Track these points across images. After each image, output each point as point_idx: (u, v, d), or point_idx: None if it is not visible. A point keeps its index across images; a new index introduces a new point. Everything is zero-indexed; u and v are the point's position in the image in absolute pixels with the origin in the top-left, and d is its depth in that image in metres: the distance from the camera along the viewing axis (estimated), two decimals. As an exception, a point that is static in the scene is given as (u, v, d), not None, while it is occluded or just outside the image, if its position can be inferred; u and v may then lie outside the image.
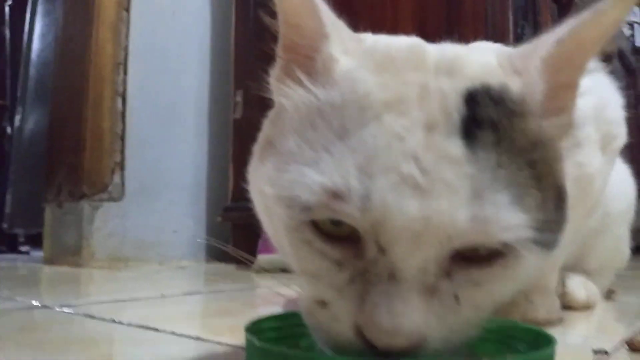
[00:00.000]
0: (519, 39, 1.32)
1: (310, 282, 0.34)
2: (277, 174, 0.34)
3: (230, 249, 1.29)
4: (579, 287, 0.76)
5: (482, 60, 0.36)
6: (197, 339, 0.57)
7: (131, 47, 1.61)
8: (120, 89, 1.59)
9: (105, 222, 1.52)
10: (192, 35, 1.80)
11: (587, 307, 0.75)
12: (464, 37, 0.45)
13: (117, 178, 1.56)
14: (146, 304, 0.84)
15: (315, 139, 0.32)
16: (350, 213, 0.30)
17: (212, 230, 1.78)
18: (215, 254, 1.77)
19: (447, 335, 0.32)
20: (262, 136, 0.40)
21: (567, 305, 0.74)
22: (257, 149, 0.40)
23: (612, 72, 0.67)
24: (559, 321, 0.65)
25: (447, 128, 0.31)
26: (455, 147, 0.30)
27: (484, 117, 0.32)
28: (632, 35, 2.49)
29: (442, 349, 0.32)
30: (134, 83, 1.61)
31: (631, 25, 2.48)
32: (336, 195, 0.30)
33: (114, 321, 0.67)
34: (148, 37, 1.66)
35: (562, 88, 0.36)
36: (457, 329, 0.32)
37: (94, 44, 1.55)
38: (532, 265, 0.33)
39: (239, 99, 1.71)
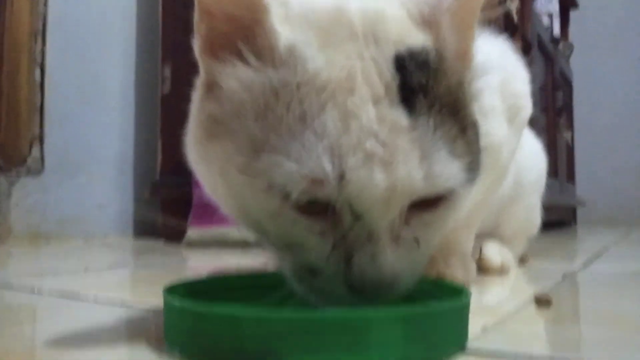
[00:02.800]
0: None
1: (296, 253, 0.38)
2: (246, 160, 0.36)
3: (159, 216, 1.26)
4: (495, 252, 0.81)
5: (397, 17, 0.39)
6: (122, 304, 0.56)
7: (50, 16, 1.52)
8: (39, 59, 1.50)
9: (24, 197, 1.45)
10: (117, 3, 1.72)
11: (501, 271, 0.80)
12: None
13: (35, 151, 1.48)
14: (68, 277, 0.81)
15: (277, 124, 0.35)
16: (328, 193, 0.34)
17: (140, 205, 1.74)
18: (144, 230, 1.73)
19: (412, 272, 0.38)
20: (201, 112, 0.40)
21: (484, 269, 0.79)
22: (197, 125, 0.41)
23: (532, 60, 0.72)
24: (475, 283, 0.69)
25: (390, 99, 0.35)
26: (401, 117, 0.34)
27: (415, 83, 0.35)
28: (551, 25, 2.62)
29: (409, 284, 0.38)
30: (53, 53, 1.53)
31: (550, 15, 2.61)
32: (314, 181, 0.34)
33: (33, 292, 0.65)
34: (69, 5, 1.58)
35: (465, 34, 0.40)
36: (418, 266, 0.39)
37: (9, 12, 1.45)
38: (464, 200, 0.39)
39: (167, 73, 1.67)
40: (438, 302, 0.39)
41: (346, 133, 0.34)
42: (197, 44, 0.40)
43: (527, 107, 0.69)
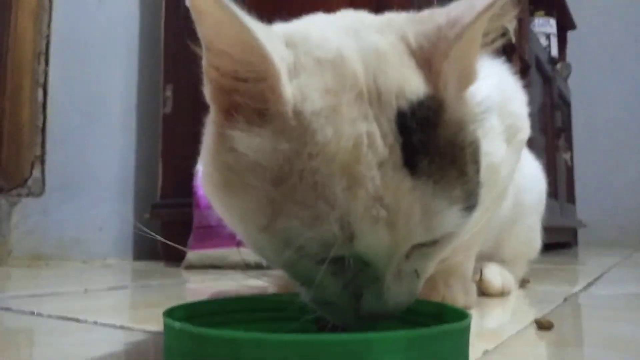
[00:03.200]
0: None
1: (311, 289, 0.41)
2: (266, 221, 0.38)
3: (160, 239, 1.26)
4: (495, 275, 0.81)
5: (397, 58, 0.39)
6: (121, 327, 0.56)
7: (53, 37, 1.54)
8: (41, 80, 1.51)
9: (24, 219, 1.45)
10: (119, 25, 1.74)
11: (502, 294, 0.80)
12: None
13: (37, 172, 1.49)
14: (68, 298, 0.81)
15: (293, 191, 0.36)
16: (338, 253, 0.37)
17: (140, 227, 1.74)
18: (143, 252, 1.73)
19: (411, 297, 0.42)
20: (217, 157, 0.41)
21: (484, 292, 0.78)
22: (214, 167, 0.41)
23: (530, 81, 0.73)
24: (476, 305, 0.69)
25: (394, 161, 0.36)
26: (404, 179, 0.36)
27: (417, 143, 0.37)
28: (549, 46, 2.64)
29: (408, 305, 0.42)
30: (56, 74, 1.54)
31: (547, 36, 2.64)
32: (327, 244, 0.36)
33: (33, 313, 0.64)
34: (72, 26, 1.60)
35: (465, 72, 0.40)
36: (416, 290, 0.42)
37: (13, 32, 1.47)
38: (463, 232, 0.42)
39: (168, 93, 1.68)
40: (439, 324, 0.39)
41: (354, 201, 0.36)
42: (207, 90, 0.40)
43: (525, 129, 0.69)
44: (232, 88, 0.38)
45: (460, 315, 0.41)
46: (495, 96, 0.62)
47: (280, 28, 0.43)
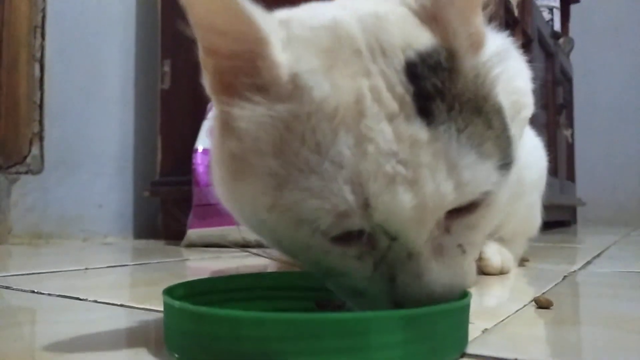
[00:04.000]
0: None
1: (337, 277, 0.38)
2: (272, 199, 0.35)
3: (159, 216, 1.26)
4: (495, 253, 0.80)
5: (399, 18, 0.37)
6: (122, 306, 0.56)
7: (49, 9, 1.52)
8: (38, 54, 1.50)
9: (24, 196, 1.45)
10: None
11: (501, 272, 0.80)
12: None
13: (35, 149, 1.48)
14: (68, 276, 0.81)
15: (295, 158, 0.34)
16: (357, 223, 0.33)
17: (140, 205, 1.74)
18: (143, 230, 1.73)
19: (461, 278, 0.38)
20: (222, 150, 0.39)
21: (483, 271, 0.78)
22: (220, 164, 0.40)
23: (533, 56, 0.71)
24: (475, 284, 0.69)
25: (406, 113, 0.33)
26: (420, 130, 0.33)
27: (431, 90, 0.34)
28: (552, 20, 2.60)
29: (460, 290, 0.38)
30: (53, 48, 1.52)
31: (550, 9, 2.59)
32: (340, 214, 0.33)
33: (33, 292, 0.64)
34: (68, -1, 1.57)
35: (473, 18, 0.38)
36: (467, 270, 0.39)
37: (8, 5, 1.45)
38: (505, 191, 0.38)
39: (166, 68, 1.67)
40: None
41: (364, 159, 0.33)
42: (206, 82, 0.39)
43: (529, 105, 0.68)
44: (229, 70, 0.37)
45: (460, 294, 0.41)
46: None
47: (276, 13, 0.41)
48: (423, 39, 0.36)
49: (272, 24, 0.36)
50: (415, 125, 0.33)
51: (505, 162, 0.36)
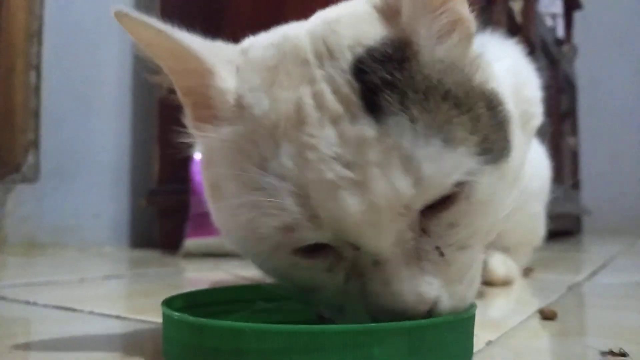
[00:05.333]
0: None
1: (315, 296, 0.37)
2: (232, 220, 0.36)
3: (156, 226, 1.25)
4: (499, 264, 0.80)
5: (355, 19, 0.36)
6: (118, 317, 0.55)
7: (46, 17, 1.50)
8: (35, 62, 1.48)
9: (19, 205, 1.44)
10: (112, 3, 1.70)
11: (506, 283, 0.79)
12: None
13: (31, 158, 1.47)
14: (64, 287, 0.80)
15: (247, 178, 0.34)
16: (308, 236, 0.33)
17: (137, 214, 1.73)
18: (140, 240, 1.72)
19: (456, 288, 0.34)
20: (205, 178, 0.42)
21: (487, 281, 0.78)
22: (207, 193, 0.42)
23: (536, 64, 0.71)
24: (479, 295, 0.68)
25: (352, 113, 0.32)
26: (367, 127, 0.31)
27: (378, 82, 0.32)
28: (555, 27, 2.60)
29: (459, 305, 0.35)
30: (49, 55, 1.51)
31: (553, 16, 2.58)
32: (289, 229, 0.32)
33: (28, 302, 0.63)
34: (65, 6, 1.56)
35: (448, 7, 0.36)
36: (459, 278, 0.35)
37: (4, 12, 1.44)
38: (494, 183, 0.35)
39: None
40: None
41: (306, 167, 0.32)
42: (186, 118, 0.41)
43: (538, 115, 0.67)
44: (194, 105, 0.39)
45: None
46: (510, 79, 0.60)
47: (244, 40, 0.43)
48: (373, 33, 0.35)
49: (217, 56, 0.38)
50: (361, 123, 0.32)
51: (487, 146, 0.33)
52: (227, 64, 0.37)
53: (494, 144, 0.34)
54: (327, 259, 0.34)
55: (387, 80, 0.32)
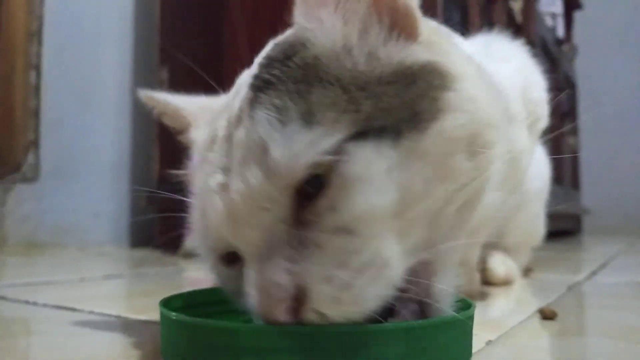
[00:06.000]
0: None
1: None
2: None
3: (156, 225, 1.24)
4: (499, 263, 0.80)
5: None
6: (118, 317, 0.55)
7: (46, 16, 1.50)
8: (35, 61, 1.48)
9: (19, 205, 1.44)
10: (113, 4, 1.69)
11: (506, 282, 0.79)
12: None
13: (31, 157, 1.47)
14: (64, 287, 0.80)
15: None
16: (214, 245, 0.36)
17: (136, 214, 1.72)
18: (140, 240, 1.71)
19: (334, 273, 0.31)
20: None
21: (487, 281, 0.78)
22: None
23: (542, 66, 0.71)
24: (479, 295, 0.68)
25: (242, 122, 0.33)
26: (241, 129, 0.33)
27: (259, 84, 0.33)
28: (555, 26, 2.60)
29: (342, 291, 0.31)
30: (49, 55, 1.50)
31: (553, 16, 2.58)
32: (203, 237, 0.37)
33: (28, 302, 0.63)
34: (65, 5, 1.55)
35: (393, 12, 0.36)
36: (340, 263, 0.31)
37: (4, 11, 1.43)
38: (375, 160, 0.31)
39: (164, 76, 1.65)
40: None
41: (202, 180, 0.35)
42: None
43: (544, 117, 0.67)
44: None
45: (464, 305, 0.40)
46: (518, 81, 0.59)
47: None
48: (279, 41, 0.37)
49: (197, 112, 0.45)
50: (240, 128, 0.33)
51: (370, 125, 0.31)
52: (199, 118, 0.44)
53: (384, 120, 0.31)
54: (238, 266, 0.35)
55: (266, 80, 0.33)
